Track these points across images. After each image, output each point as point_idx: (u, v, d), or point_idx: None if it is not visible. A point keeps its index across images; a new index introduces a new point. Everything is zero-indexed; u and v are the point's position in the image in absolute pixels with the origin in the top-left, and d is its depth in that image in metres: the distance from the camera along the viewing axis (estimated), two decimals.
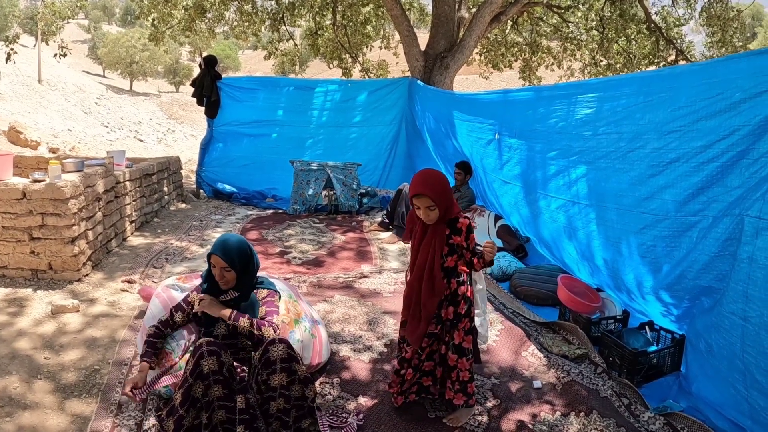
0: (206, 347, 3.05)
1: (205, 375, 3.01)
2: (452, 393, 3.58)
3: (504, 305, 5.54)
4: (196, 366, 3.00)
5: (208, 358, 3.02)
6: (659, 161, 4.07)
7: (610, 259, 4.89)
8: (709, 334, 3.69)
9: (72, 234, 5.56)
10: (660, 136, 4.06)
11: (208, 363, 3.01)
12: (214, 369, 3.02)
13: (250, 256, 3.46)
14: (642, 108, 4.26)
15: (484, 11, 11.42)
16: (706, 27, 14.92)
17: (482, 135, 7.44)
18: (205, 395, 3.03)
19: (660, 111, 4.07)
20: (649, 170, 4.20)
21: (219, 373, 3.04)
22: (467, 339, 3.57)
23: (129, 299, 5.36)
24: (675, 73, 4.13)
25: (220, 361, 3.04)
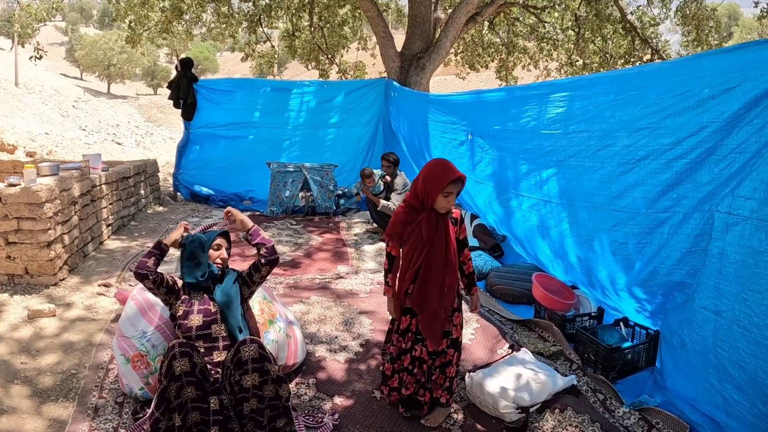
0: (178, 348, 3.04)
1: (177, 376, 2.99)
2: (441, 391, 3.62)
3: (479, 304, 5.56)
4: (169, 368, 2.99)
5: (180, 359, 3.01)
6: (629, 159, 4.11)
7: (584, 257, 4.93)
8: (682, 329, 3.73)
9: (48, 238, 5.52)
10: (630, 134, 4.10)
11: (180, 364, 3.00)
12: (187, 370, 3.01)
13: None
14: (612, 106, 4.31)
15: (460, 12, 11.43)
16: (682, 26, 15.04)
17: (455, 136, 7.50)
18: (178, 396, 3.02)
19: (630, 109, 4.11)
20: (619, 168, 4.24)
21: (191, 374, 3.03)
22: (460, 333, 3.66)
23: (106, 303, 5.33)
24: (645, 72, 4.17)
25: (192, 362, 3.03)
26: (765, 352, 2.96)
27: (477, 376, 3.82)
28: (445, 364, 3.61)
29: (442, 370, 3.62)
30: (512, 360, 4.08)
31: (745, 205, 3.12)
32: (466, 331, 4.87)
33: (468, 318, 5.13)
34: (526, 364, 3.98)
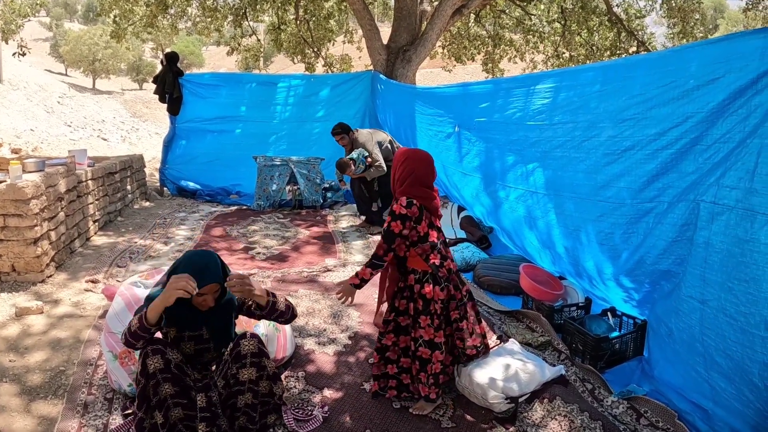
0: (150, 347, 3.03)
1: (151, 374, 2.98)
2: (427, 388, 3.63)
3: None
4: (144, 366, 2.99)
5: (152, 357, 2.99)
6: (614, 149, 4.13)
7: (570, 247, 4.96)
8: (669, 318, 3.75)
9: (34, 235, 5.50)
10: (615, 125, 4.11)
11: (153, 362, 2.98)
12: (160, 367, 3.00)
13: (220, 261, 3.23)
14: (597, 97, 4.32)
15: (446, 4, 11.41)
16: (667, 19, 15.09)
17: (442, 128, 7.51)
18: (156, 394, 3.01)
19: (615, 99, 4.11)
20: (604, 159, 4.25)
21: (166, 371, 3.01)
22: (438, 334, 3.62)
23: (93, 299, 5.32)
24: (630, 63, 4.19)
25: (165, 359, 3.01)
26: (751, 341, 2.98)
27: (466, 368, 3.83)
28: (424, 361, 3.63)
29: (422, 367, 3.65)
30: (501, 351, 4.09)
31: (730, 195, 3.14)
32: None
33: None
34: (514, 355, 3.99)
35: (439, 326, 3.62)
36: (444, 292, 3.63)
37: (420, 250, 3.59)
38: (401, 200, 3.54)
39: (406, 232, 3.54)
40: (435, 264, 3.60)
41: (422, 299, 3.63)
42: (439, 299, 3.61)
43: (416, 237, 3.58)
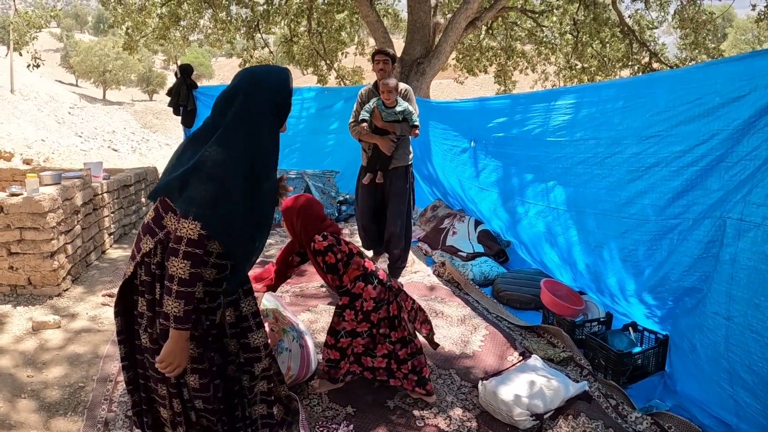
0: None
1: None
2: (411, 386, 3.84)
3: (487, 310, 5.55)
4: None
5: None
6: (638, 166, 4.13)
7: (592, 264, 4.94)
8: (693, 333, 3.72)
9: (51, 248, 5.49)
10: (639, 141, 4.11)
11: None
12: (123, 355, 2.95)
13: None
14: (620, 113, 4.32)
15: (460, 17, 11.42)
16: (679, 29, 15.06)
17: (457, 143, 7.52)
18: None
19: (638, 116, 4.12)
20: (628, 175, 4.25)
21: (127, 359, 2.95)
22: (360, 325, 3.82)
23: (110, 313, 5.24)
24: (653, 79, 4.20)
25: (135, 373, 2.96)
26: None
27: (490, 384, 3.81)
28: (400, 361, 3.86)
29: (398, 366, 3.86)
30: (524, 367, 4.07)
31: (757, 212, 3.13)
32: (474, 338, 4.88)
33: (476, 325, 5.15)
34: (538, 371, 3.97)
35: (361, 320, 3.80)
36: (376, 291, 3.80)
37: (355, 264, 3.80)
38: (316, 239, 3.73)
39: (340, 256, 3.74)
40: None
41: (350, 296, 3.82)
42: (371, 297, 3.78)
43: (344, 257, 3.77)
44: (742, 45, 57.76)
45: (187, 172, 2.51)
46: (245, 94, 2.65)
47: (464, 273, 6.33)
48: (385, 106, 5.76)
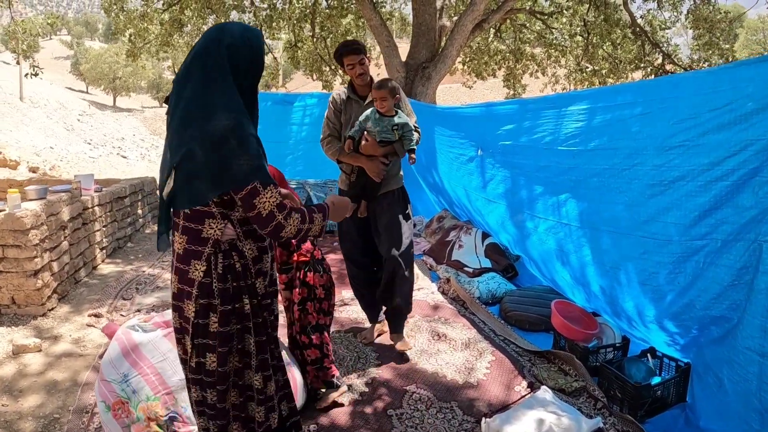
0: None
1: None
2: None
3: (494, 332, 5.18)
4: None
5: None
6: (660, 180, 3.73)
7: (607, 287, 4.55)
8: (720, 367, 3.37)
9: (34, 266, 5.25)
10: (660, 152, 3.72)
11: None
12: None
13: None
14: (639, 120, 3.93)
15: (466, 19, 11.15)
16: (693, 29, 14.74)
17: (464, 151, 7.13)
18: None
19: (660, 124, 3.73)
20: (648, 190, 3.86)
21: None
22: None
23: (95, 336, 5.04)
24: (675, 82, 3.79)
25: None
26: None
27: (494, 423, 3.46)
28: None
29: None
30: (532, 402, 3.71)
31: None
32: (480, 365, 4.52)
33: (482, 350, 4.79)
34: (547, 407, 3.61)
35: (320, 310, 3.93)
36: (324, 279, 4.00)
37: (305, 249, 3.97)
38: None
39: None
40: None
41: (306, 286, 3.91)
42: (320, 285, 3.95)
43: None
44: (753, 45, 57.34)
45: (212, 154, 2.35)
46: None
47: (470, 291, 5.96)
48: (380, 114, 4.43)
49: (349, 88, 4.75)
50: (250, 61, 2.52)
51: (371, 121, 4.44)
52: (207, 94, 2.40)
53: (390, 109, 4.43)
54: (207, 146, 2.33)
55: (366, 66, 4.59)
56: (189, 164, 2.37)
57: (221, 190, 2.38)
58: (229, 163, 2.33)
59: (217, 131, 2.33)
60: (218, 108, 2.37)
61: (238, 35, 2.47)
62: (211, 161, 2.34)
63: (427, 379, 4.28)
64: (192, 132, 2.36)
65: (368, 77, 4.65)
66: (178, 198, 2.44)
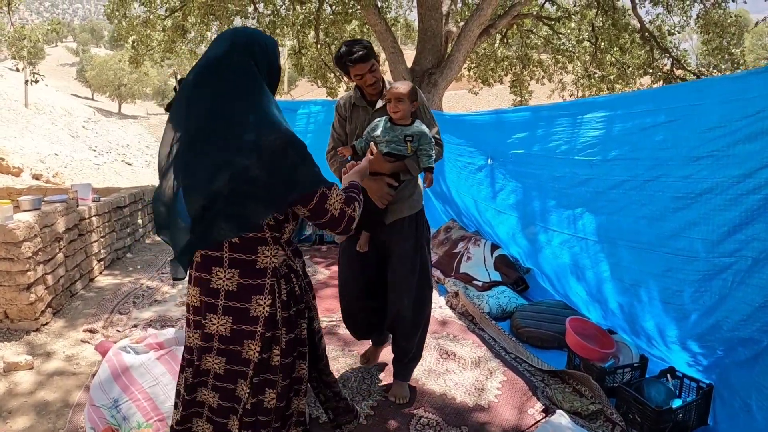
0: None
1: None
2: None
3: (505, 350, 4.94)
4: None
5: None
6: (686, 192, 3.50)
7: (626, 304, 4.31)
8: (749, 392, 3.17)
9: (27, 280, 5.05)
10: (687, 163, 3.48)
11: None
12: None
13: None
14: (663, 129, 3.69)
15: (473, 24, 11.00)
16: (703, 34, 14.55)
17: (473, 160, 6.88)
18: None
19: (685, 133, 3.49)
20: (673, 203, 3.62)
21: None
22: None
23: (88, 353, 4.84)
24: (701, 87, 3.54)
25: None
26: None
27: None
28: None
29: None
30: (547, 428, 3.49)
31: None
32: (491, 385, 4.29)
33: (493, 369, 4.56)
34: None
35: None
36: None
37: None
38: None
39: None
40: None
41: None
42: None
43: None
44: (759, 50, 57.13)
45: (274, 165, 2.16)
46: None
47: (479, 305, 5.72)
48: (392, 122, 3.62)
49: (357, 92, 4.03)
50: (273, 66, 2.38)
51: (380, 129, 3.63)
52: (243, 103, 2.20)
53: (405, 116, 3.58)
54: (267, 160, 2.14)
55: (378, 72, 3.83)
56: (240, 184, 2.16)
57: (285, 205, 2.27)
58: (294, 175, 2.19)
59: (276, 143, 2.16)
60: (264, 118, 2.20)
61: (258, 40, 2.33)
62: (274, 176, 2.16)
63: (436, 402, 4.04)
64: (236, 147, 2.15)
65: (381, 84, 3.90)
66: (220, 226, 2.23)
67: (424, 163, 3.62)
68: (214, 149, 2.18)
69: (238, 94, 2.20)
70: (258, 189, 2.15)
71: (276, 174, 2.15)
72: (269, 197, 2.18)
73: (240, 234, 2.27)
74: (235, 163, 2.13)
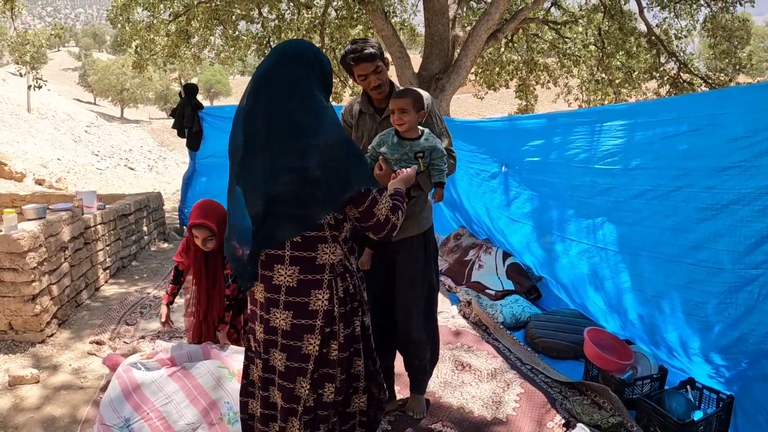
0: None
1: None
2: None
3: (521, 360, 4.85)
4: None
5: None
6: (712, 203, 3.43)
7: (647, 316, 4.23)
8: None
9: (32, 291, 4.96)
10: (712, 173, 3.41)
11: None
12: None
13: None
14: (687, 138, 3.61)
15: (481, 28, 10.93)
16: (711, 38, 14.45)
17: (485, 167, 6.78)
18: None
19: (710, 142, 3.42)
20: (697, 214, 3.55)
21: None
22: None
23: (95, 365, 4.73)
24: (726, 95, 3.49)
25: None
26: None
27: None
28: None
29: None
30: None
31: None
32: (508, 398, 4.20)
33: (510, 381, 4.46)
34: None
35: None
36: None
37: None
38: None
39: None
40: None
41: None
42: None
43: None
44: (761, 53, 57.10)
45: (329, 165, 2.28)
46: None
47: (493, 315, 5.62)
48: (399, 137, 3.29)
49: (363, 97, 3.72)
50: (326, 73, 2.48)
51: (386, 146, 3.30)
52: (300, 108, 2.32)
53: (412, 128, 3.26)
54: (325, 162, 2.25)
55: (384, 74, 3.50)
56: (301, 186, 2.29)
57: (341, 205, 2.35)
58: (349, 175, 2.31)
59: (334, 145, 2.29)
60: (321, 121, 2.31)
61: (310, 49, 2.46)
62: (332, 177, 2.28)
63: (453, 416, 3.96)
64: (295, 150, 2.27)
65: (387, 88, 3.55)
66: (283, 227, 2.36)
67: (435, 178, 3.38)
68: (274, 153, 2.27)
69: (295, 100, 2.30)
70: (318, 190, 2.27)
71: (334, 175, 2.26)
72: (328, 197, 2.29)
73: (302, 233, 2.37)
74: (295, 166, 2.24)
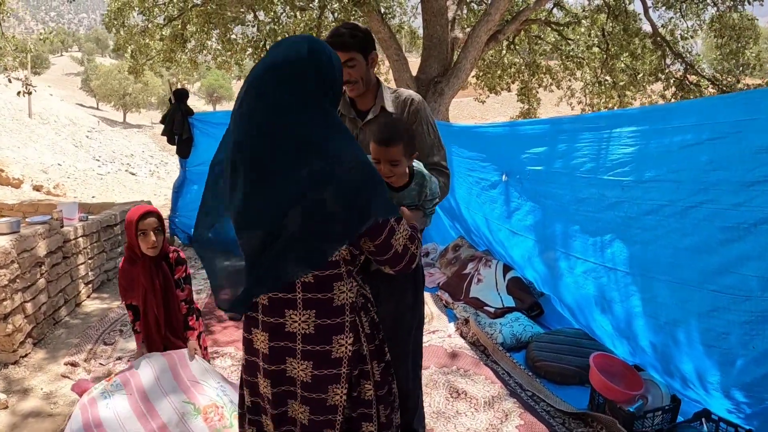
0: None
1: None
2: None
3: (521, 386, 4.48)
4: None
5: None
6: (738, 222, 3.07)
7: (660, 344, 3.85)
8: None
9: (3, 310, 4.69)
10: (739, 188, 3.05)
11: None
12: None
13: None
14: (709, 148, 3.25)
15: (481, 30, 10.68)
16: (718, 38, 14.17)
17: (485, 176, 6.44)
18: None
19: (735, 153, 3.06)
20: (721, 234, 3.19)
21: None
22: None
23: (67, 390, 4.45)
24: (752, 98, 3.08)
25: None
26: None
27: None
28: None
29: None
30: None
31: None
32: (506, 430, 3.84)
33: (508, 411, 4.10)
34: None
35: None
36: None
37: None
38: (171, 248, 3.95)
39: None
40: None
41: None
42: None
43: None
44: (764, 54, 56.88)
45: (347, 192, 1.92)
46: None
47: (492, 335, 5.24)
48: (392, 188, 2.64)
49: (343, 97, 3.16)
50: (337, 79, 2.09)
51: None
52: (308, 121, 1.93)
53: (403, 177, 2.64)
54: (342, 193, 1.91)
55: (359, 70, 2.93)
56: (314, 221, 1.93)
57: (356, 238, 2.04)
58: (368, 207, 1.96)
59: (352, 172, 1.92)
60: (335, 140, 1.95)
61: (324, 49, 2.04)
62: (350, 209, 1.93)
63: None
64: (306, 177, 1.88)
65: (363, 87, 3.00)
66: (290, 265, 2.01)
67: (427, 207, 2.86)
68: (278, 178, 1.91)
69: (302, 110, 1.93)
70: (334, 224, 1.94)
71: (352, 207, 1.93)
72: (344, 231, 1.97)
73: (312, 270, 2.05)
74: (307, 198, 1.90)
